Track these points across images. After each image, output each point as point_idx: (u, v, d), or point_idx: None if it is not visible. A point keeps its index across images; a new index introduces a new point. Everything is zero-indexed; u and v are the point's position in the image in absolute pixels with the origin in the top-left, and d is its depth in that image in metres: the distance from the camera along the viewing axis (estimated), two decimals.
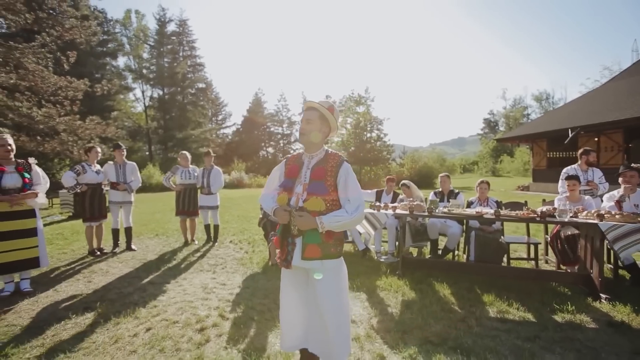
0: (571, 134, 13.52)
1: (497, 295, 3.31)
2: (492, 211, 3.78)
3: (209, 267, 4.54)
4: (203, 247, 5.73)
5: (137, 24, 37.28)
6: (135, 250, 5.46)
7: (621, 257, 3.41)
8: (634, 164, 4.04)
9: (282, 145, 48.50)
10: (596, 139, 14.02)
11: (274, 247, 1.95)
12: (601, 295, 3.20)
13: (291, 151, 45.59)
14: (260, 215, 4.90)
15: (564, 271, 3.93)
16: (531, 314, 2.97)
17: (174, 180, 6.05)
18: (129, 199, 5.39)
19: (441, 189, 4.89)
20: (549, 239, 4.18)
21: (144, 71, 36.89)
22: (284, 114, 48.67)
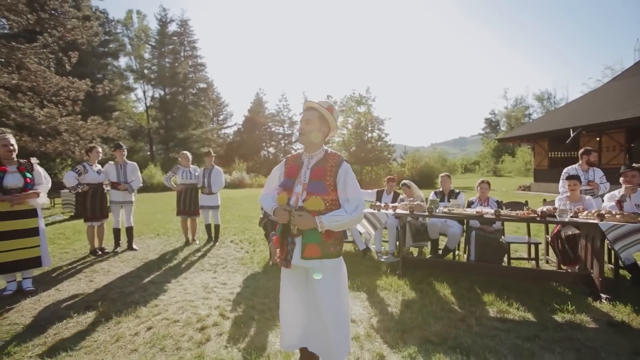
0: (573, 134, 13.48)
1: (497, 295, 3.31)
2: (493, 211, 3.78)
3: (210, 267, 4.55)
4: (204, 246, 5.75)
5: (139, 24, 37.44)
6: (137, 249, 5.49)
7: (622, 257, 3.40)
8: (635, 163, 4.03)
9: (283, 145, 48.51)
10: (598, 139, 13.97)
11: (274, 247, 1.96)
12: (601, 295, 3.20)
13: (292, 151, 45.56)
14: (261, 215, 4.91)
15: (564, 271, 3.92)
16: (531, 313, 2.97)
17: (174, 180, 6.06)
18: (130, 199, 5.40)
19: (442, 189, 4.90)
20: (549, 239, 4.18)
21: (146, 71, 37.03)
22: (285, 114, 48.71)
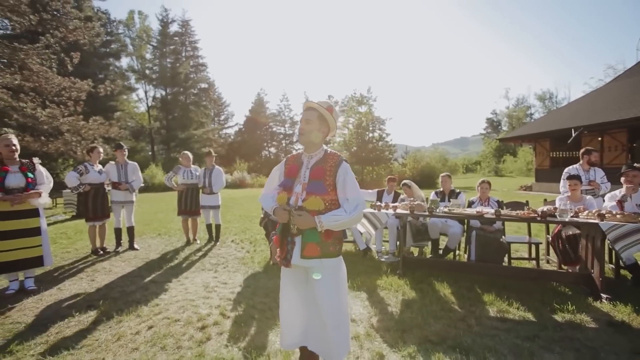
0: (574, 134, 13.44)
1: (498, 295, 3.31)
2: (493, 211, 3.78)
3: (211, 266, 4.57)
4: (205, 246, 5.77)
5: (140, 25, 37.53)
6: (138, 249, 5.51)
7: (622, 257, 3.40)
8: (636, 163, 4.02)
9: (285, 145, 48.51)
10: (600, 139, 13.93)
11: (275, 247, 1.97)
12: (602, 295, 3.19)
13: (293, 151, 45.48)
14: (261, 215, 4.92)
15: (565, 271, 3.92)
16: (531, 313, 2.97)
17: (175, 180, 6.08)
18: (131, 199, 5.43)
19: (442, 189, 4.90)
20: (550, 238, 4.17)
21: (147, 72, 37.09)
22: (286, 114, 48.70)
